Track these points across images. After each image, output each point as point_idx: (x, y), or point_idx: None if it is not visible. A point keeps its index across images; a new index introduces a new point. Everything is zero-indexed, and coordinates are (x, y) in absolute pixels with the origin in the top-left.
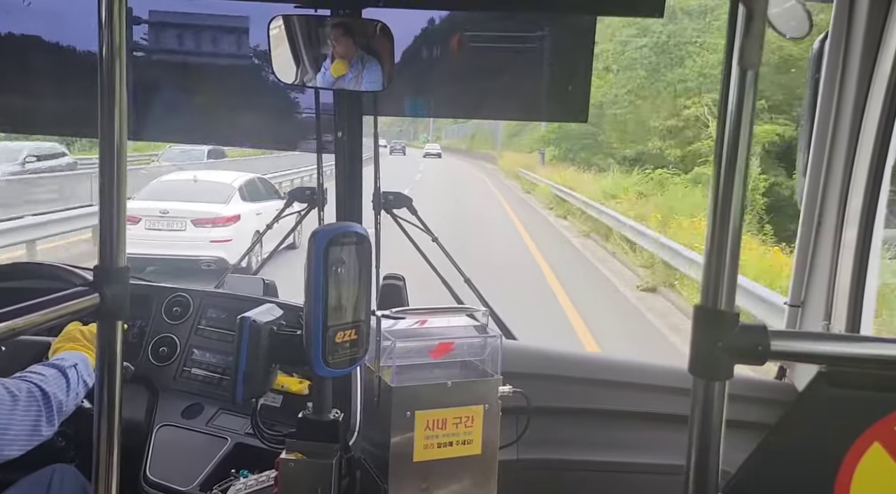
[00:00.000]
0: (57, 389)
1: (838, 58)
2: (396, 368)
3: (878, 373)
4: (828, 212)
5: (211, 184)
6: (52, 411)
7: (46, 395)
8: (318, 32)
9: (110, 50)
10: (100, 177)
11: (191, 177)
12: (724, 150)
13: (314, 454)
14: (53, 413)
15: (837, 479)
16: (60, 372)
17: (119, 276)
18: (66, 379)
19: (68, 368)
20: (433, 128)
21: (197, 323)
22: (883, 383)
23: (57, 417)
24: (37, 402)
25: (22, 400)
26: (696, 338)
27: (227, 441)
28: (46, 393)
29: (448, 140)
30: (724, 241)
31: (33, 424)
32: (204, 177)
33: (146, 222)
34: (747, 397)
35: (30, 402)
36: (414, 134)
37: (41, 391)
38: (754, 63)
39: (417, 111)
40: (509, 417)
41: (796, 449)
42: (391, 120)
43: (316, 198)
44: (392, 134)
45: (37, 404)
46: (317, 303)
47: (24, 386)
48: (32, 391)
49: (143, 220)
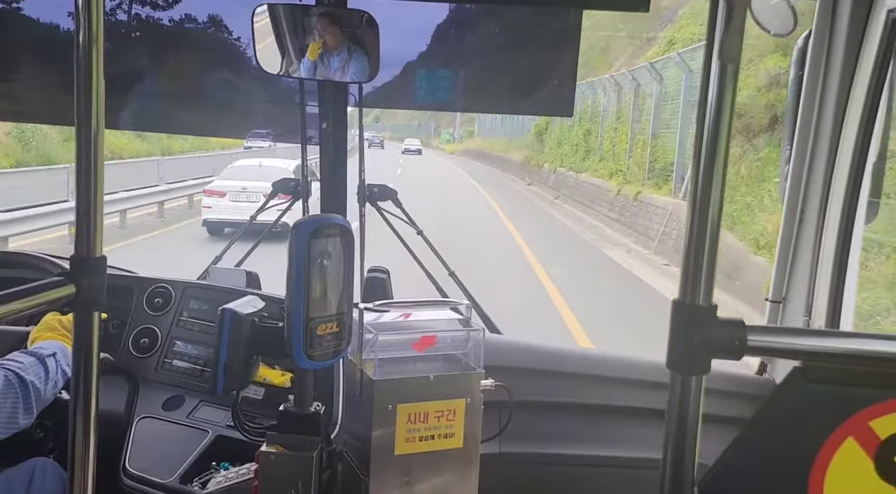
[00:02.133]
0: (35, 377)
1: (821, 54)
2: (379, 361)
3: (854, 369)
4: (809, 209)
5: (272, 168)
6: (31, 399)
7: (24, 383)
8: (304, 23)
9: (87, 37)
10: (76, 167)
11: (256, 163)
12: (704, 144)
13: (295, 447)
14: (31, 401)
15: (812, 473)
16: (39, 361)
17: (95, 266)
18: (44, 368)
19: (47, 357)
20: (461, 122)
21: (178, 314)
22: (859, 378)
23: (35, 405)
24: (14, 390)
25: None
26: (674, 333)
27: (207, 433)
28: (24, 381)
29: (485, 138)
30: (702, 236)
31: (10, 411)
32: (266, 163)
33: (230, 195)
34: (727, 392)
35: (7, 390)
36: (435, 129)
37: (19, 378)
38: (735, 57)
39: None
40: (491, 411)
41: (772, 444)
42: (407, 114)
43: (301, 190)
44: (410, 129)
45: (14, 391)
46: (299, 295)
47: (1, 373)
48: (10, 378)
49: (227, 194)
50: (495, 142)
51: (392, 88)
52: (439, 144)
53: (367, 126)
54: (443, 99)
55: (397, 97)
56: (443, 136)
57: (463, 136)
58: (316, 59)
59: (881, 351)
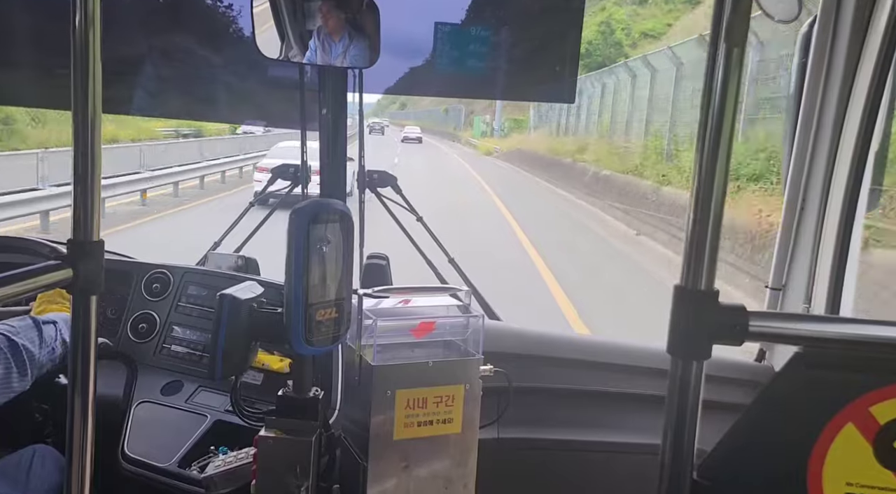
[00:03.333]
0: (27, 341)
1: (826, 42)
2: (378, 347)
3: (854, 354)
4: (811, 196)
5: (313, 149)
6: (24, 362)
7: (15, 345)
8: (303, 7)
9: (83, 21)
10: (74, 151)
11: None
12: (708, 129)
13: (293, 431)
14: (25, 364)
15: (811, 458)
16: (34, 325)
17: (93, 251)
18: (38, 331)
19: (44, 324)
20: (503, 107)
21: (177, 299)
22: (859, 364)
23: (30, 369)
24: (3, 353)
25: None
26: (675, 318)
27: (206, 418)
28: (15, 343)
29: (546, 132)
30: (705, 221)
31: (3, 375)
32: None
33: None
34: (726, 378)
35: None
36: (466, 117)
37: (8, 340)
38: (740, 41)
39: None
40: (490, 397)
41: (771, 429)
42: (434, 100)
43: (300, 176)
44: (435, 117)
45: (3, 355)
46: (298, 281)
47: None
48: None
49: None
50: (561, 141)
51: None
52: (470, 138)
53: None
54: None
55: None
56: (476, 127)
57: (505, 128)
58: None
59: (882, 336)
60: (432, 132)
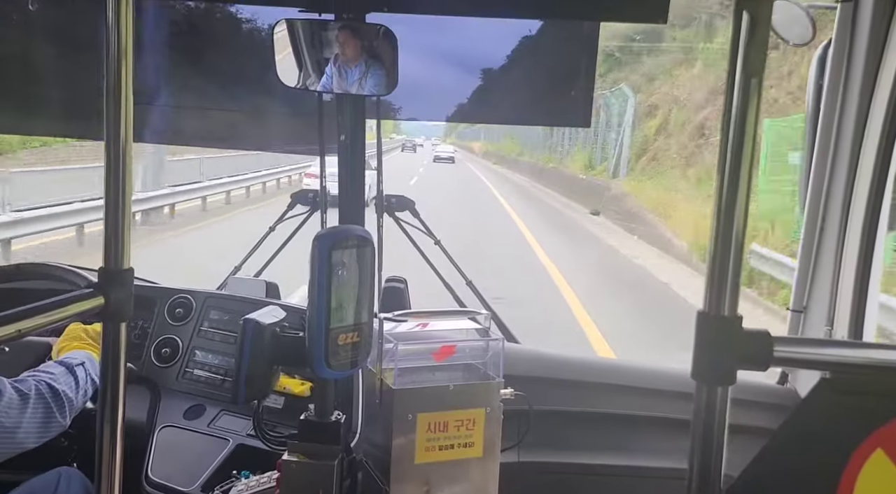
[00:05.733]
0: (66, 387)
1: (841, 64)
2: (398, 370)
3: (880, 379)
4: (831, 217)
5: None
6: (64, 407)
7: (55, 391)
8: (321, 36)
9: (116, 52)
10: (105, 180)
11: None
12: (729, 157)
13: (316, 455)
14: (65, 409)
15: (840, 485)
16: (68, 370)
17: (123, 278)
18: (73, 377)
19: (76, 366)
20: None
21: (199, 324)
22: (886, 389)
23: (69, 413)
24: (44, 399)
25: (32, 397)
26: (699, 344)
27: (228, 442)
28: (55, 390)
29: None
30: (727, 247)
31: (43, 420)
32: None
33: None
34: (749, 401)
35: (38, 399)
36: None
37: (50, 388)
38: (759, 70)
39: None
40: (511, 420)
41: (799, 455)
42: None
43: (319, 201)
44: (475, 132)
45: (44, 401)
46: (319, 306)
47: (33, 383)
48: (41, 389)
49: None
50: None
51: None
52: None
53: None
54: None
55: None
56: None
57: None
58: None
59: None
60: (508, 161)
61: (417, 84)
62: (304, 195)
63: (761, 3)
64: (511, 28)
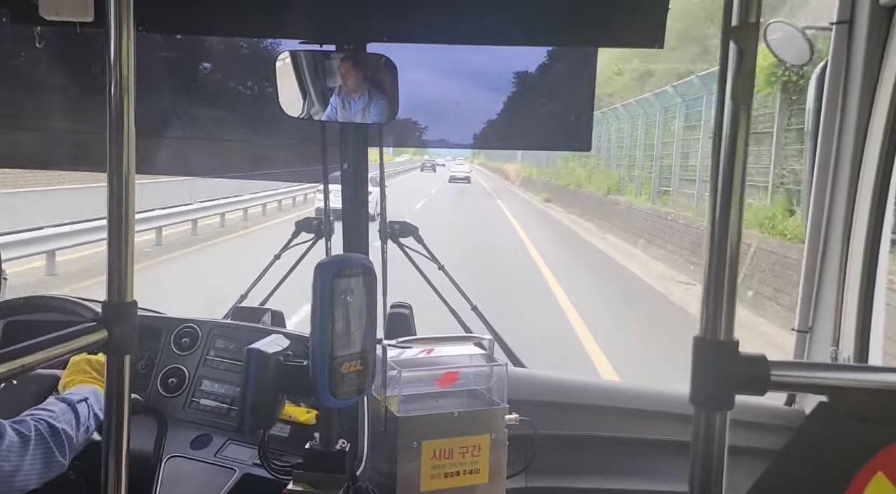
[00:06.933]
0: (66, 425)
1: (839, 84)
2: (403, 397)
3: (881, 402)
4: (833, 238)
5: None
6: (64, 446)
7: (55, 430)
8: (324, 67)
9: (118, 86)
10: (108, 213)
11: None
12: (720, 183)
13: (321, 485)
14: (65, 448)
15: None
16: (70, 407)
17: (127, 312)
18: (75, 414)
19: (78, 403)
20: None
21: (205, 353)
22: (887, 412)
23: (68, 452)
24: (44, 440)
25: (32, 439)
26: (696, 369)
27: (234, 471)
28: (55, 429)
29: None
30: (721, 272)
31: (44, 461)
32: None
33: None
34: (756, 423)
35: (38, 441)
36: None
37: (49, 427)
38: (747, 99)
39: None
40: (516, 445)
41: (800, 478)
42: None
43: (323, 229)
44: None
45: (44, 442)
46: (323, 334)
47: (32, 424)
48: (40, 429)
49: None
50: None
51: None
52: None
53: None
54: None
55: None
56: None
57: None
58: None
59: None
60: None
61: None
62: (309, 223)
63: (747, 34)
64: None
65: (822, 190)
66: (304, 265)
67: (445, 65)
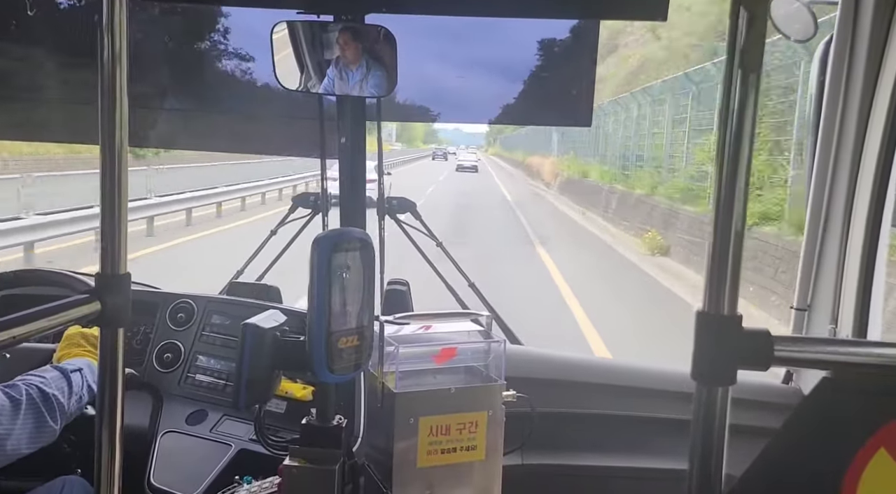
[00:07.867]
0: (57, 391)
1: (843, 60)
2: (400, 374)
3: (883, 378)
4: (834, 215)
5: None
6: (55, 411)
7: (46, 395)
8: (321, 38)
9: (111, 56)
10: (101, 185)
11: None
12: (726, 154)
13: (317, 460)
14: (56, 414)
15: (844, 484)
16: (63, 375)
17: (120, 284)
18: (67, 382)
19: (72, 372)
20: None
21: (201, 329)
22: (888, 387)
23: (60, 418)
24: (35, 405)
25: (23, 403)
26: (699, 344)
27: (230, 447)
28: (46, 394)
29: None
30: (726, 245)
31: (35, 425)
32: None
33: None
34: (753, 401)
35: (30, 405)
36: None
37: (41, 392)
38: (756, 66)
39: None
40: (513, 422)
41: (801, 455)
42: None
43: (320, 204)
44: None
45: (35, 407)
46: (320, 309)
47: (24, 388)
48: (31, 393)
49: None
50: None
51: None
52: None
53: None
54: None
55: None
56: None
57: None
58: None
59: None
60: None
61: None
62: (306, 198)
63: (758, 1)
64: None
65: (825, 167)
66: (301, 240)
67: (445, 38)
